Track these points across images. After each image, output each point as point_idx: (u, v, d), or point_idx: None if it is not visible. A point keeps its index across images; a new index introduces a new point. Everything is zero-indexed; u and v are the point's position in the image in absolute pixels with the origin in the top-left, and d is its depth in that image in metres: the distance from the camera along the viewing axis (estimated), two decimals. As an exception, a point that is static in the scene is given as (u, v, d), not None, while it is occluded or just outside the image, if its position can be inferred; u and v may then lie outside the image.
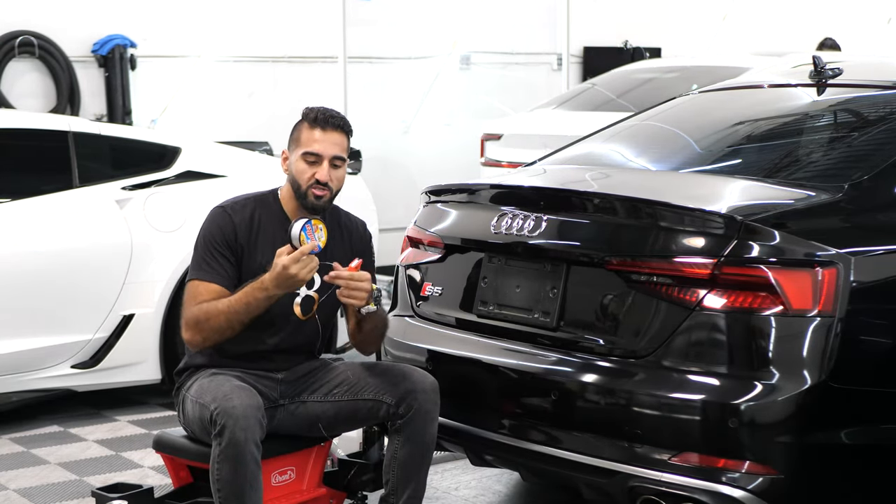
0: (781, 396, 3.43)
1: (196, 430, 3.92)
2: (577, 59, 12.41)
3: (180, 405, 4.01)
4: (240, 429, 3.66)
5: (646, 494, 3.58)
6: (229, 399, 3.71)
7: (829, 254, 3.50)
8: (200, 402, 3.82)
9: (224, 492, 3.69)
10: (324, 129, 3.98)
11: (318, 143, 3.97)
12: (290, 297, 3.97)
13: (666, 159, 4.56)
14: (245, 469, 3.67)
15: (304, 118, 4.03)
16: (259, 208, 4.04)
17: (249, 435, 3.68)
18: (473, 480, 5.00)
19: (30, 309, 5.77)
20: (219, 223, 3.99)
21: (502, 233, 4.01)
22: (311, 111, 4.03)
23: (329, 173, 3.97)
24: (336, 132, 4.00)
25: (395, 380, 3.96)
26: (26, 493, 4.96)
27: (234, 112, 10.41)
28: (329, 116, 4.00)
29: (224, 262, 3.95)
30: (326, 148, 3.97)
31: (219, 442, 3.68)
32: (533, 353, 3.90)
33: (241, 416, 3.67)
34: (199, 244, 4.00)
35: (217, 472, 3.68)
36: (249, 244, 3.98)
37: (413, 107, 11.62)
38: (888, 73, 4.75)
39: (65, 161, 6.05)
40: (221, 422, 3.66)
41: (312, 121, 4.00)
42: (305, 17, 10.80)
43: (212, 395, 3.77)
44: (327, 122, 3.99)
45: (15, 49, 9.34)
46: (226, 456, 3.67)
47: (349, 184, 6.73)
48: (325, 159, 3.97)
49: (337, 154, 3.99)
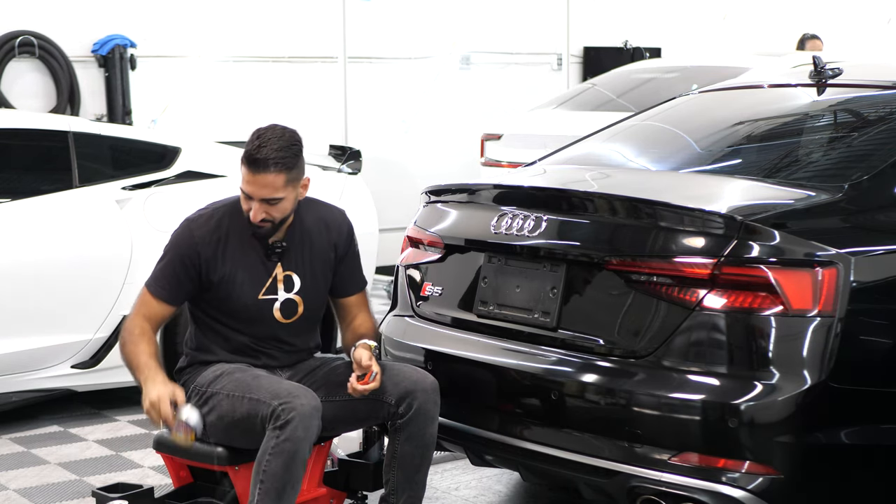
0: (781, 396, 3.43)
1: (220, 427, 3.89)
2: (577, 59, 12.41)
3: (191, 400, 3.97)
4: (303, 427, 3.69)
5: (646, 494, 3.58)
6: (297, 397, 3.73)
7: (829, 254, 3.50)
8: (251, 396, 3.81)
9: (267, 484, 3.69)
10: (252, 172, 3.87)
11: (247, 184, 3.90)
12: (270, 304, 4.00)
13: (666, 159, 4.56)
14: (295, 467, 3.70)
15: (243, 154, 3.91)
16: (227, 216, 4.04)
17: (309, 434, 3.72)
18: (473, 480, 5.00)
19: (30, 309, 5.77)
20: (179, 239, 4.02)
21: (502, 233, 4.01)
22: (250, 142, 3.88)
23: (261, 211, 3.91)
24: (266, 174, 3.85)
25: (396, 379, 3.97)
26: (26, 493, 4.96)
27: (234, 112, 10.40)
28: (258, 159, 3.84)
29: (174, 279, 3.99)
30: (255, 190, 3.89)
31: (277, 434, 3.68)
32: (533, 353, 3.90)
33: (308, 414, 3.70)
34: (162, 254, 4.04)
35: (267, 462, 3.69)
36: (214, 255, 3.98)
37: (413, 107, 11.62)
38: (888, 73, 4.75)
39: (65, 161, 6.04)
40: (286, 417, 3.68)
41: (245, 158, 3.88)
42: (305, 17, 10.80)
43: (270, 392, 3.78)
44: (255, 164, 3.85)
45: (15, 49, 9.34)
46: (281, 450, 3.68)
47: (349, 184, 6.78)
48: (255, 200, 3.91)
49: (266, 197, 3.89)
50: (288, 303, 4.03)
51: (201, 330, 4.08)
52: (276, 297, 4.02)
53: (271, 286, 4.03)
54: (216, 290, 3.99)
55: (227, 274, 3.97)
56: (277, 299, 4.02)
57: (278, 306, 4.02)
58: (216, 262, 3.98)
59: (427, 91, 11.69)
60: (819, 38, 10.41)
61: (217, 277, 3.97)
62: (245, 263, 3.99)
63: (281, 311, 4.03)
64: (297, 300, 4.04)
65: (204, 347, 4.06)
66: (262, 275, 4.02)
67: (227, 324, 4.02)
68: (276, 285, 4.03)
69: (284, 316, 4.03)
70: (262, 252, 4.01)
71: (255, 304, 4.01)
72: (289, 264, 4.05)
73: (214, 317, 4.04)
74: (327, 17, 10.59)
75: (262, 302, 4.01)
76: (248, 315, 4.01)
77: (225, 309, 4.02)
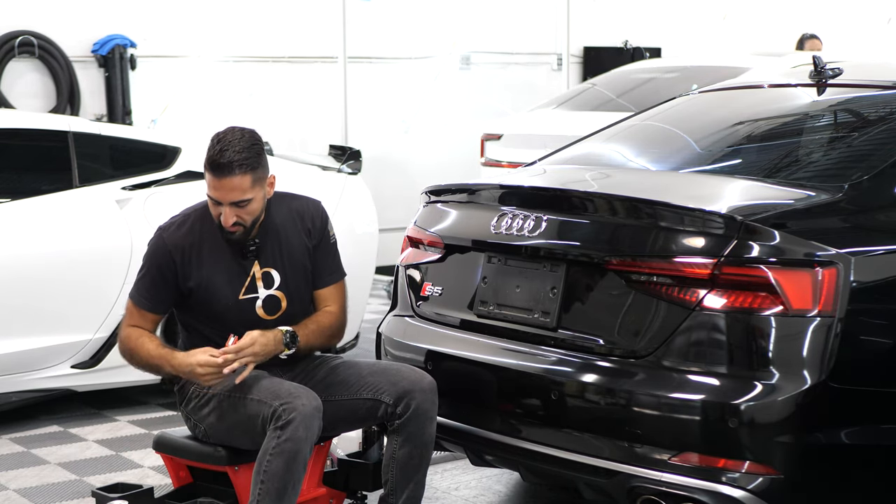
0: (781, 396, 3.43)
1: (221, 428, 3.91)
2: (577, 59, 12.42)
3: (192, 401, 4.00)
4: (304, 427, 3.69)
5: (646, 494, 3.58)
6: (298, 397, 3.74)
7: (829, 254, 3.49)
8: (253, 397, 3.82)
9: (268, 484, 3.69)
10: (217, 177, 3.87)
11: (214, 190, 3.90)
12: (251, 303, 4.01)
13: (666, 159, 4.56)
14: (296, 467, 3.70)
15: (207, 155, 3.90)
16: (199, 221, 4.05)
17: (311, 434, 3.72)
18: (473, 480, 5.00)
19: (30, 309, 5.77)
20: (153, 248, 4.05)
21: (502, 233, 4.01)
22: (211, 148, 3.88)
23: (231, 214, 3.91)
24: (232, 178, 3.85)
25: (394, 379, 3.97)
26: (26, 493, 4.96)
27: (234, 112, 10.40)
28: (221, 164, 3.84)
29: (153, 289, 4.02)
30: (223, 195, 3.89)
31: (278, 435, 3.69)
32: (533, 353, 3.90)
33: (309, 415, 3.71)
34: (141, 265, 4.07)
35: (268, 463, 3.69)
36: (189, 260, 3.99)
37: (413, 107, 11.62)
38: (888, 73, 4.75)
39: (65, 161, 6.04)
40: (287, 417, 3.68)
41: (209, 164, 3.87)
42: (305, 17, 10.80)
43: (271, 392, 3.79)
44: (219, 168, 3.85)
45: (15, 49, 9.34)
46: (283, 450, 3.68)
47: (349, 184, 6.78)
48: (224, 205, 3.91)
49: (235, 200, 3.89)
50: (270, 299, 4.03)
51: (191, 336, 4.08)
52: (257, 294, 4.02)
53: (251, 285, 4.02)
54: (196, 296, 4.00)
55: (205, 278, 3.98)
56: (258, 297, 4.02)
57: (260, 304, 4.02)
58: (191, 267, 3.98)
59: (427, 91, 11.69)
60: (818, 37, 10.41)
61: (194, 283, 3.98)
62: (221, 266, 3.99)
63: (264, 308, 4.02)
64: (278, 296, 4.04)
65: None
66: (240, 275, 4.02)
67: (213, 328, 4.01)
68: (256, 283, 4.03)
69: (268, 313, 4.03)
70: (237, 252, 4.01)
71: (237, 304, 4.00)
72: (265, 261, 4.04)
73: (201, 321, 4.04)
74: (327, 17, 10.59)
75: (243, 302, 4.01)
76: (231, 317, 4.00)
77: (209, 313, 4.02)
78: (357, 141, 10.11)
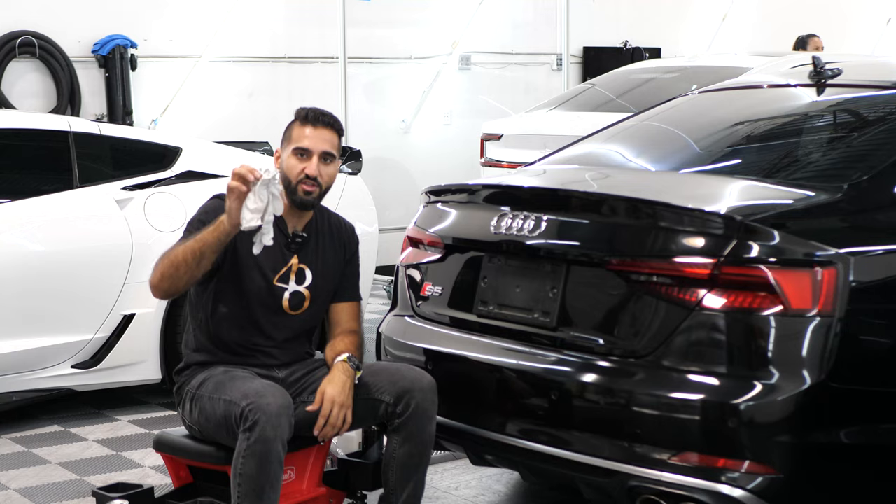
0: (781, 396, 3.43)
1: (209, 428, 3.92)
2: (576, 59, 12.43)
3: (186, 403, 4.01)
4: (271, 426, 3.68)
5: (646, 494, 3.58)
6: (263, 396, 3.73)
7: (829, 254, 3.50)
8: (225, 398, 3.83)
9: (245, 487, 3.69)
10: (314, 125, 4.05)
11: (307, 139, 4.03)
12: (281, 292, 4.02)
13: (666, 159, 4.56)
14: (269, 467, 3.69)
15: (296, 117, 4.11)
16: None
17: (279, 433, 3.71)
18: (473, 480, 5.00)
19: (30, 309, 5.77)
20: (213, 204, 4.03)
21: (502, 233, 4.01)
22: (302, 110, 4.11)
23: (318, 168, 4.02)
24: (326, 129, 4.05)
25: (393, 379, 3.98)
26: (27, 492, 4.97)
27: (234, 112, 10.41)
28: (319, 114, 4.07)
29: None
30: (316, 144, 4.03)
31: (247, 437, 3.69)
32: (533, 352, 3.90)
33: (275, 413, 3.70)
34: (189, 223, 4.03)
35: (241, 465, 3.69)
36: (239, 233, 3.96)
37: (413, 107, 11.63)
38: (888, 73, 4.75)
39: (65, 161, 6.05)
40: (254, 417, 3.68)
41: (303, 118, 4.07)
42: (305, 17, 10.81)
43: (241, 392, 3.79)
44: (318, 119, 4.06)
45: (15, 49, 9.35)
46: (253, 451, 3.68)
47: (349, 184, 6.78)
48: (314, 154, 4.02)
49: (326, 150, 4.04)
50: (296, 295, 4.06)
51: (200, 329, 4.08)
52: (287, 286, 4.05)
53: (285, 275, 4.05)
54: (233, 266, 3.98)
55: (249, 251, 3.95)
56: (287, 289, 4.04)
57: (287, 296, 4.04)
58: (242, 233, 3.96)
59: (427, 91, 11.70)
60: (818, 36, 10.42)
61: (240, 249, 3.97)
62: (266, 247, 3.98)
63: (289, 301, 4.05)
64: (305, 293, 4.07)
65: (202, 348, 4.06)
66: (280, 262, 4.05)
67: (236, 308, 4.00)
68: (289, 275, 4.06)
69: (291, 307, 4.05)
70: (282, 240, 4.04)
71: (269, 288, 4.02)
72: (304, 257, 4.09)
73: (226, 299, 4.00)
74: (327, 17, 10.60)
75: (275, 288, 4.03)
76: (259, 299, 4.00)
77: (238, 290, 4.00)
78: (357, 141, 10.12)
